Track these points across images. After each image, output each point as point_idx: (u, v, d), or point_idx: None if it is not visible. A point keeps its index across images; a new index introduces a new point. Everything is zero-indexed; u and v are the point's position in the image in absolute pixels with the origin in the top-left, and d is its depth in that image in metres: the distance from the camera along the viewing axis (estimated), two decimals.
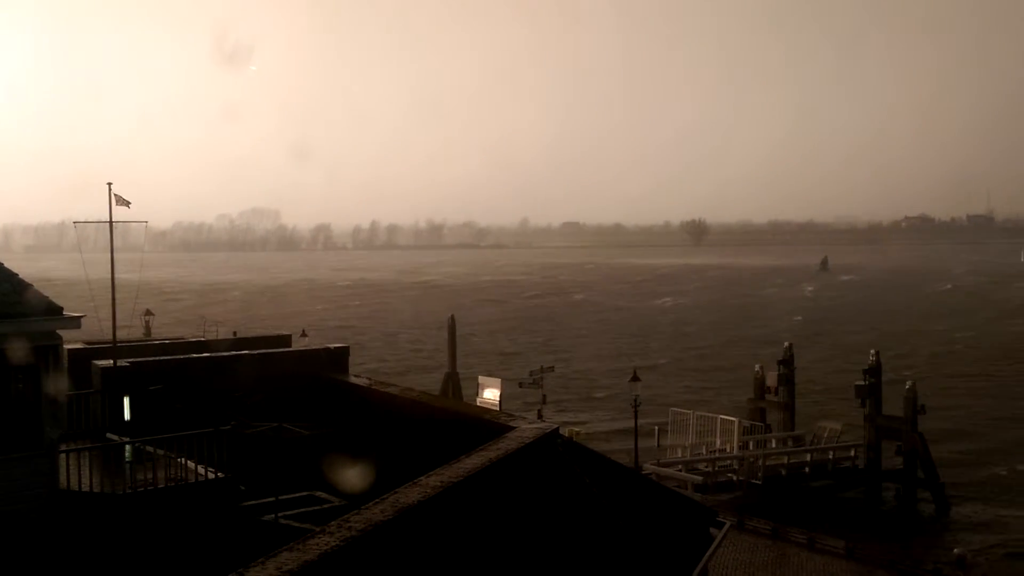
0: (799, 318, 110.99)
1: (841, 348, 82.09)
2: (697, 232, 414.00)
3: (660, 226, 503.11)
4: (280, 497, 16.60)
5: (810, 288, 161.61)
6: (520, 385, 44.59)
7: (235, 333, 40.29)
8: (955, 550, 29.85)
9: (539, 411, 40.25)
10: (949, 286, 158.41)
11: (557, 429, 17.38)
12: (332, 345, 25.05)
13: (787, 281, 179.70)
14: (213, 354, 23.68)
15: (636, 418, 36.84)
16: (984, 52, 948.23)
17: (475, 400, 39.16)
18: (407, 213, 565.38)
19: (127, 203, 19.95)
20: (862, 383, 41.57)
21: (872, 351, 43.08)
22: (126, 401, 19.36)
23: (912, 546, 33.61)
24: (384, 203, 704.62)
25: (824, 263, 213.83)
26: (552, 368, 47.40)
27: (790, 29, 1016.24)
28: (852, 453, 41.15)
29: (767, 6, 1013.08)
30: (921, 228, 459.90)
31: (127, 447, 17.36)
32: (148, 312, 49.64)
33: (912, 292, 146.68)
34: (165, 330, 58.69)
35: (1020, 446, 48.76)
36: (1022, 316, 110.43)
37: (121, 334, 23.17)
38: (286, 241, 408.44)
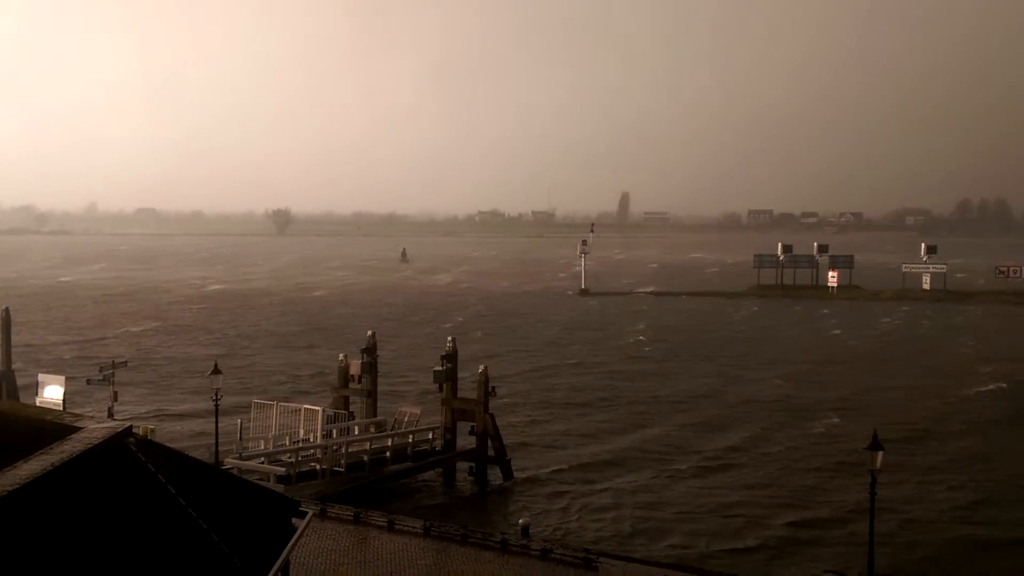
0: (388, 306, 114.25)
1: (429, 333, 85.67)
2: (282, 221, 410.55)
3: (243, 214, 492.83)
4: None
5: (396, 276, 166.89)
6: (88, 382, 41.58)
7: None
8: (520, 520, 32.36)
9: (109, 409, 37.84)
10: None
11: (130, 428, 16.47)
12: None
13: (375, 269, 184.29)
14: None
15: (217, 412, 35.79)
16: (542, 65, 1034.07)
17: (37, 401, 35.83)
18: None
19: None
20: (440, 368, 43.65)
21: (449, 338, 45.41)
22: None
23: (483, 520, 35.87)
24: None
25: (404, 254, 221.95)
26: (125, 362, 44.75)
27: (386, 41, 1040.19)
28: (431, 436, 43.04)
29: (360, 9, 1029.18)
30: (492, 221, 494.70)
31: None
32: None
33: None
34: None
35: (575, 423, 53.95)
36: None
37: None
38: None
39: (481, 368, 43.78)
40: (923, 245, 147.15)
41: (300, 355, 76.08)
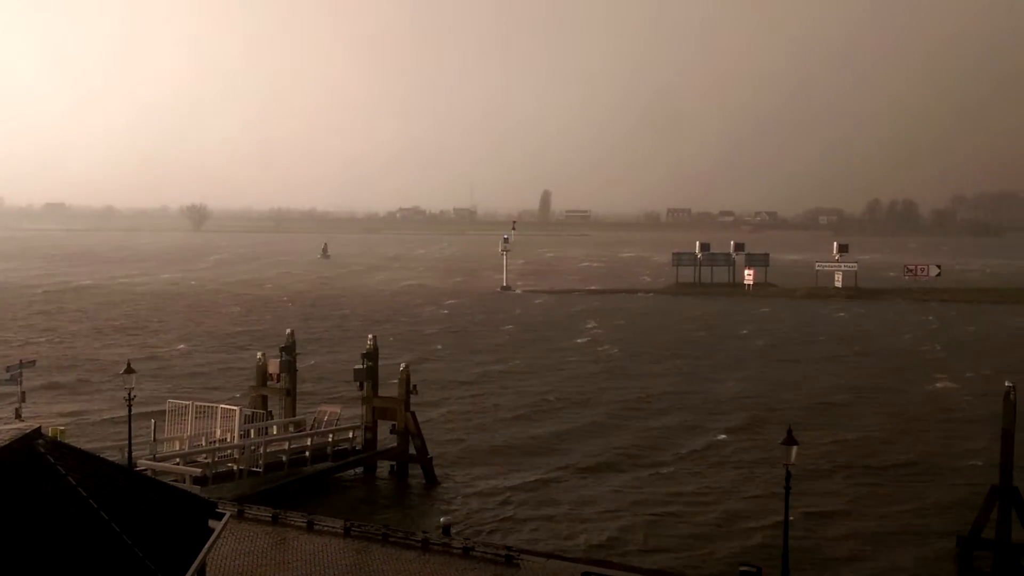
0: (324, 306, 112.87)
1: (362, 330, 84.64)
2: (198, 217, 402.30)
3: (156, 210, 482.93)
4: None
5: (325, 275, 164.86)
6: None
7: None
8: (441, 519, 32.33)
9: (17, 410, 36.77)
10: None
11: (39, 429, 16.05)
12: None
13: (304, 267, 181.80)
14: None
15: (130, 412, 34.88)
16: (463, 64, 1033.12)
17: None
18: None
19: None
20: (360, 366, 43.31)
21: (370, 335, 45.08)
22: None
23: (404, 519, 35.70)
24: None
25: (324, 250, 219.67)
26: (33, 362, 43.53)
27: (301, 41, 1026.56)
28: (351, 435, 42.68)
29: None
30: (413, 218, 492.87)
31: None
32: None
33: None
34: None
35: (501, 424, 53.97)
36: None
37: None
38: None
39: (403, 365, 43.55)
40: (835, 244, 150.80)
41: (229, 356, 74.47)
